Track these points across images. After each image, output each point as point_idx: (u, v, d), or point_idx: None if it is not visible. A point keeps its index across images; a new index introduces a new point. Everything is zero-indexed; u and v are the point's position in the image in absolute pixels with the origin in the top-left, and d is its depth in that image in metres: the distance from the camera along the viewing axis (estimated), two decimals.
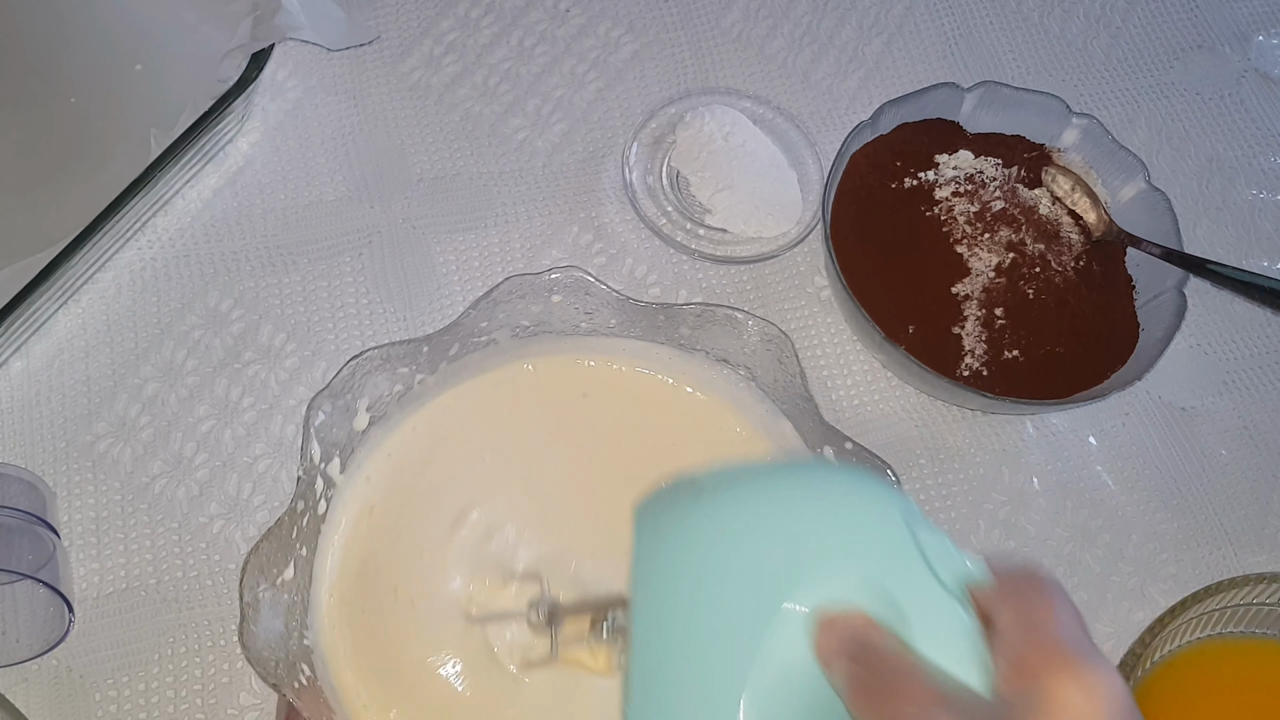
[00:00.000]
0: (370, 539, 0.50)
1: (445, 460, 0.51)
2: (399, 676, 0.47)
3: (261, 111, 0.64)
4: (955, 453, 0.59)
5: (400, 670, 0.48)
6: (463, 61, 0.67)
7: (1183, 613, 0.50)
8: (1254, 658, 0.53)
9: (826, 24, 0.70)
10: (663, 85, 0.67)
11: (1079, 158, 0.62)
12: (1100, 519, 0.59)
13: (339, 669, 0.47)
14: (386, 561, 0.49)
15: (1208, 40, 0.72)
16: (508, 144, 0.65)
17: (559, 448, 0.52)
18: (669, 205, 0.63)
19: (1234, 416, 0.61)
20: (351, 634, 0.48)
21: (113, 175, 0.57)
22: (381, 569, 0.49)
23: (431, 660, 0.48)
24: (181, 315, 0.59)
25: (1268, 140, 0.69)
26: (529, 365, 0.53)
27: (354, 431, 0.49)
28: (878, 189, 0.61)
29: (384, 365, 0.49)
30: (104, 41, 0.64)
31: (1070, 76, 0.70)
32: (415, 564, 0.49)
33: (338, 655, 0.47)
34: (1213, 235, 0.66)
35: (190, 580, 0.54)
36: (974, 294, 0.58)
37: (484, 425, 0.52)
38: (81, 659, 0.52)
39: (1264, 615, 0.52)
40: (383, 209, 0.63)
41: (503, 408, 0.52)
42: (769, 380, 0.50)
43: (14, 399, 0.57)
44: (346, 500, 0.50)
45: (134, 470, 0.56)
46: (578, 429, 0.52)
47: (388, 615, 0.48)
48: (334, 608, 0.48)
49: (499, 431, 0.52)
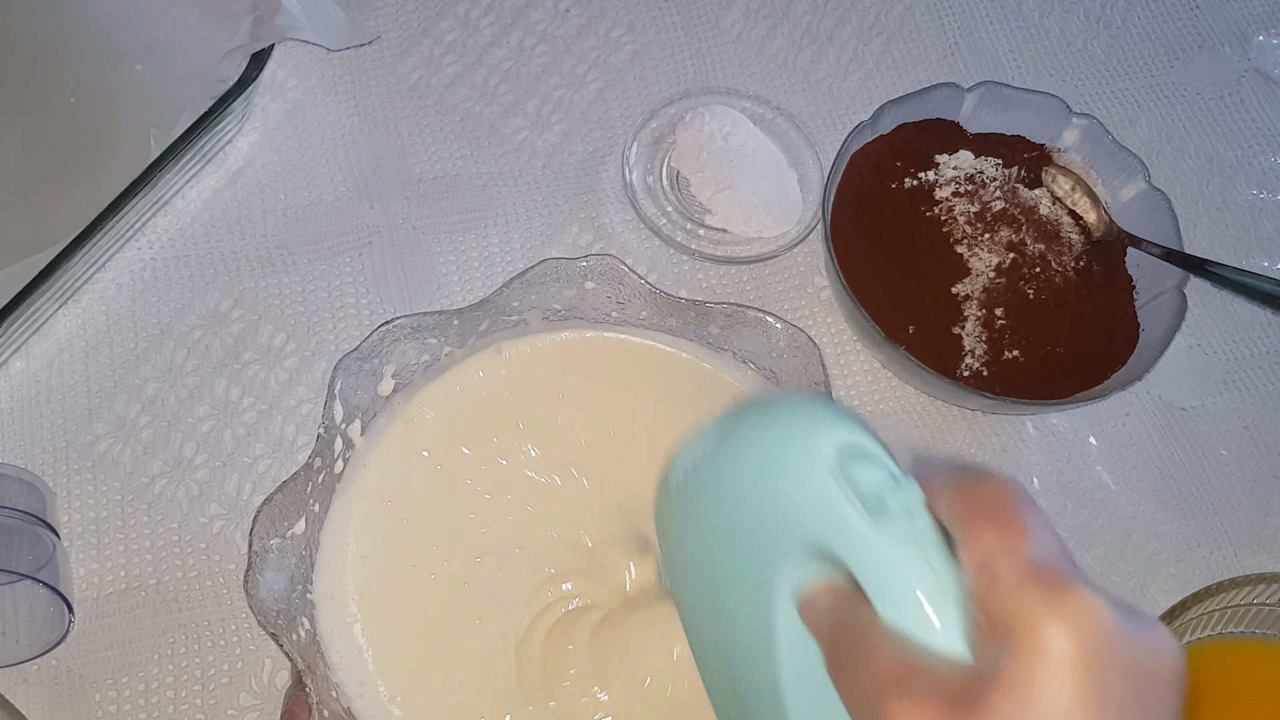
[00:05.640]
0: (389, 506, 0.50)
1: (467, 432, 0.52)
2: (405, 643, 0.48)
3: (261, 111, 0.64)
4: (955, 453, 0.59)
5: (406, 635, 0.48)
6: (463, 61, 0.67)
7: (1183, 613, 0.50)
8: (1254, 658, 0.53)
9: (826, 24, 0.70)
10: (663, 85, 0.67)
11: (1079, 158, 0.62)
12: (1100, 519, 0.59)
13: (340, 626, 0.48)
14: (405, 528, 0.50)
15: (1208, 40, 0.72)
16: (508, 144, 0.65)
17: (581, 421, 0.52)
18: (669, 205, 0.63)
19: (1234, 416, 0.61)
20: (359, 595, 0.48)
21: (113, 175, 0.57)
22: (399, 536, 0.50)
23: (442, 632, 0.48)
24: (181, 315, 0.59)
25: (1268, 140, 0.69)
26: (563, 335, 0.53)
27: (378, 396, 0.50)
28: (878, 189, 0.61)
29: (414, 334, 0.49)
30: (104, 41, 0.64)
31: (1070, 76, 0.70)
32: (434, 534, 0.50)
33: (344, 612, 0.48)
34: (1213, 235, 0.66)
35: (190, 580, 0.54)
36: (974, 294, 0.58)
37: (509, 398, 0.52)
38: (81, 659, 0.52)
39: (1264, 615, 0.52)
40: (383, 209, 0.63)
41: (529, 381, 0.53)
42: (793, 386, 0.51)
43: (14, 399, 0.57)
44: (365, 462, 0.50)
45: (134, 470, 0.56)
46: (600, 405, 0.53)
47: (402, 580, 0.49)
48: (346, 567, 0.49)
49: (524, 404, 0.52)
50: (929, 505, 0.30)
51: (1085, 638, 0.25)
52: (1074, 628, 0.25)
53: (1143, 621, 0.27)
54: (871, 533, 0.29)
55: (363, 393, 0.49)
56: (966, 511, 0.28)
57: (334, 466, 0.49)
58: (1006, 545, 0.27)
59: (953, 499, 0.29)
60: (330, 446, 0.48)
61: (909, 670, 0.27)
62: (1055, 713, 0.25)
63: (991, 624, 0.27)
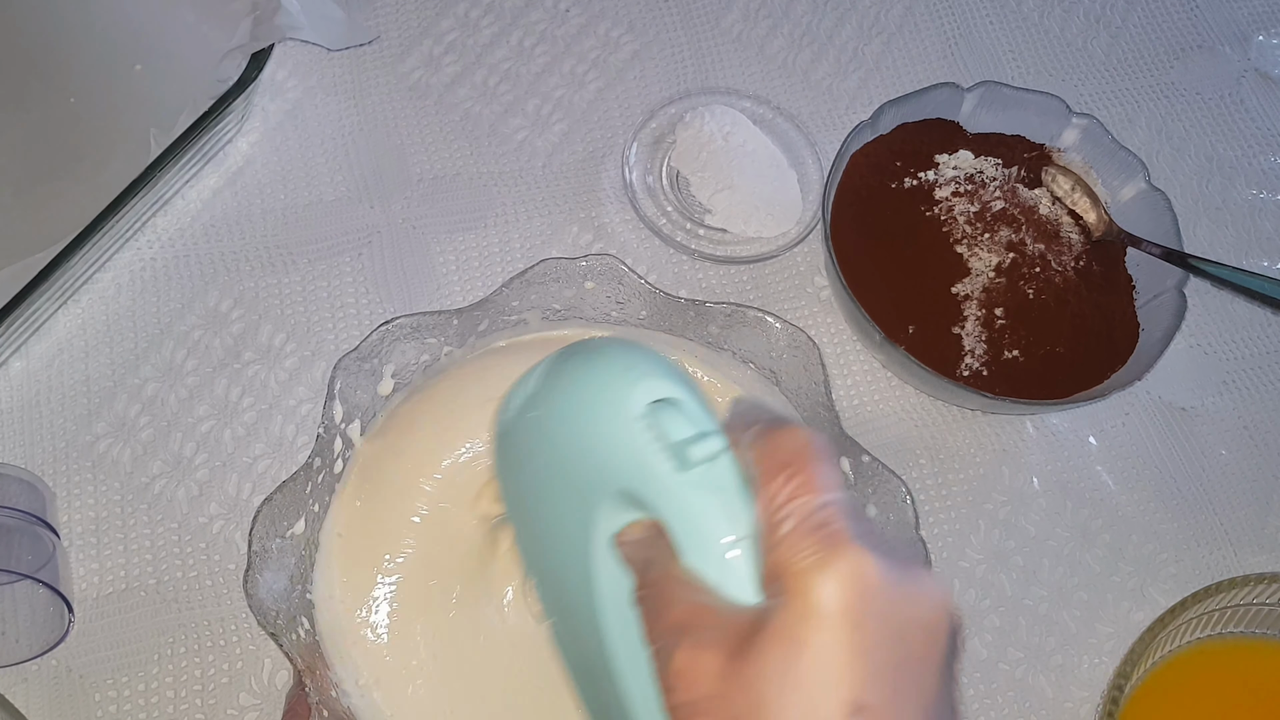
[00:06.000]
0: (386, 505, 0.50)
1: (466, 432, 0.51)
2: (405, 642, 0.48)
3: (261, 111, 0.64)
4: (955, 453, 0.59)
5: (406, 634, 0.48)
6: (463, 61, 0.67)
7: (1183, 613, 0.50)
8: (1254, 658, 0.53)
9: (826, 24, 0.70)
10: (663, 85, 0.67)
11: (1079, 158, 0.62)
12: (1100, 519, 0.59)
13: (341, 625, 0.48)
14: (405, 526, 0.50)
15: (1208, 40, 0.72)
16: (508, 144, 0.65)
17: None
18: (669, 205, 0.63)
19: (1234, 416, 0.61)
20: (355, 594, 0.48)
21: (113, 175, 0.57)
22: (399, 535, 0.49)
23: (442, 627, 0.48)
24: (181, 315, 0.59)
25: (1268, 140, 0.69)
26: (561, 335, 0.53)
27: (378, 396, 0.50)
28: (878, 189, 0.61)
29: (413, 334, 0.49)
30: (104, 41, 0.64)
31: (1070, 76, 0.70)
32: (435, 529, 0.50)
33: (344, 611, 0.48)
34: (1213, 235, 0.66)
35: (190, 580, 0.54)
36: (974, 294, 0.58)
37: None
38: (81, 659, 0.52)
39: (1264, 615, 0.52)
40: (383, 209, 0.63)
41: None
42: (793, 386, 0.51)
43: (14, 399, 0.57)
44: (364, 462, 0.50)
45: (134, 470, 0.56)
46: None
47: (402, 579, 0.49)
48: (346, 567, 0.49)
49: None
50: (735, 455, 0.31)
51: (848, 589, 0.26)
52: (839, 581, 0.26)
53: (910, 573, 0.28)
54: (672, 478, 0.30)
55: (362, 393, 0.49)
56: (762, 460, 0.29)
57: (334, 466, 0.49)
58: (791, 495, 0.28)
59: (752, 448, 0.30)
60: (330, 446, 0.48)
61: (699, 614, 0.28)
62: (820, 662, 0.26)
63: (771, 573, 0.28)
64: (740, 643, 0.27)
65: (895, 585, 0.27)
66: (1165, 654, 0.53)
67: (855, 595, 0.26)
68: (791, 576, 0.27)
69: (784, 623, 0.26)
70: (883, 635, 0.26)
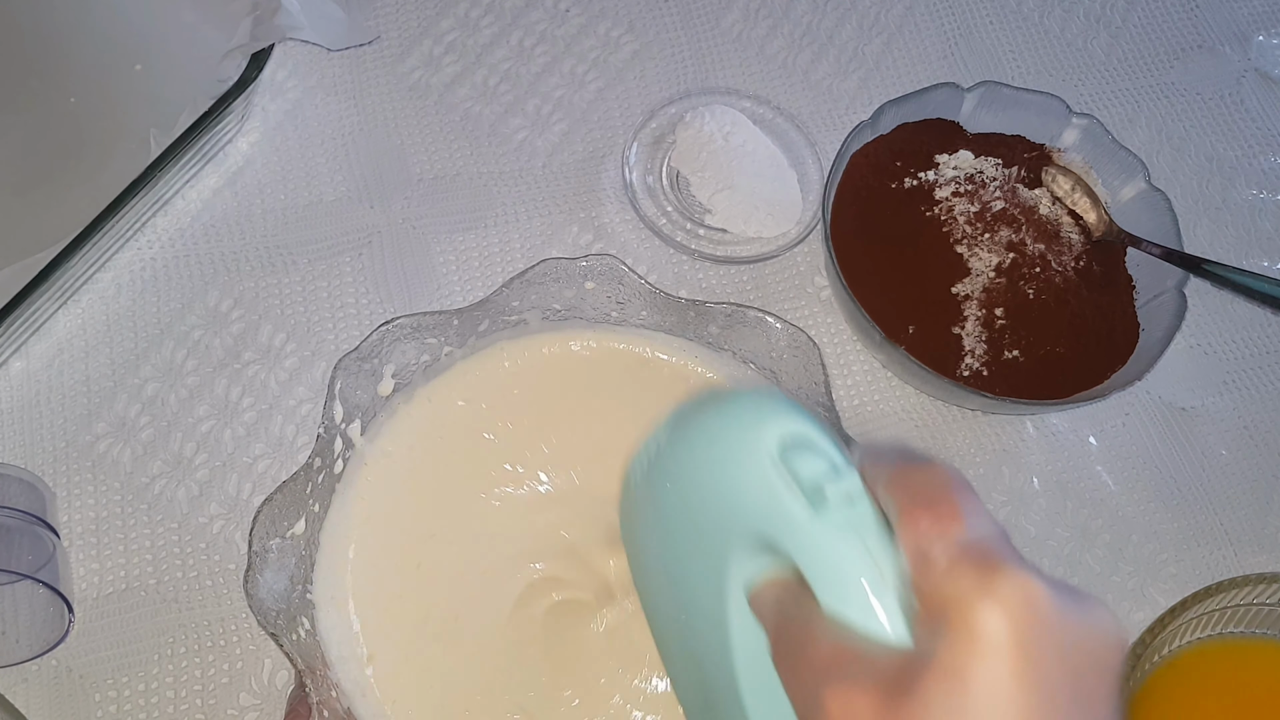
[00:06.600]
0: (389, 505, 0.50)
1: (467, 432, 0.52)
2: (405, 642, 0.48)
3: (261, 111, 0.64)
4: (955, 453, 0.59)
5: (406, 635, 0.48)
6: (463, 61, 0.67)
7: (1183, 613, 0.50)
8: (1254, 658, 0.53)
9: (826, 24, 0.70)
10: (663, 85, 0.67)
11: (1079, 158, 0.62)
12: (1100, 519, 0.59)
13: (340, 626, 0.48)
14: (406, 527, 0.50)
15: (1208, 40, 0.72)
16: (508, 144, 0.65)
17: (574, 425, 0.52)
18: (669, 205, 0.63)
19: (1234, 416, 0.61)
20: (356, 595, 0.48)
21: (113, 175, 0.57)
22: (400, 536, 0.50)
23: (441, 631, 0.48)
24: (181, 315, 0.59)
25: (1268, 140, 0.69)
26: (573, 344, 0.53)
27: (378, 396, 0.50)
28: (878, 189, 0.61)
29: (413, 334, 0.50)
30: (104, 41, 0.64)
31: (1070, 76, 0.70)
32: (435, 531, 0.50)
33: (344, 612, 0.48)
34: (1213, 235, 0.66)
35: (190, 580, 0.54)
36: (974, 294, 0.58)
37: (507, 399, 0.52)
38: (81, 659, 0.52)
39: (1264, 615, 0.52)
40: (383, 209, 0.63)
41: (527, 382, 0.53)
42: (793, 386, 0.51)
43: (14, 399, 0.57)
44: (365, 462, 0.50)
45: (134, 470, 0.56)
46: (596, 407, 0.53)
47: (402, 580, 0.49)
48: (347, 567, 0.49)
49: (523, 405, 0.52)
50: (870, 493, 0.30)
51: (1018, 619, 0.24)
52: (1006, 609, 0.24)
53: (1081, 601, 0.26)
54: (810, 521, 0.29)
55: (363, 393, 0.49)
56: (903, 498, 0.28)
57: (334, 466, 0.49)
58: (940, 529, 0.27)
59: (890, 486, 0.29)
60: (330, 446, 0.48)
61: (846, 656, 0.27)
62: (988, 696, 0.24)
63: (927, 609, 0.26)
64: (896, 683, 0.25)
65: (1067, 614, 0.25)
66: (1165, 654, 0.53)
67: (1025, 624, 0.24)
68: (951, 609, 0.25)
69: (947, 657, 0.25)
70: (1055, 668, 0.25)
